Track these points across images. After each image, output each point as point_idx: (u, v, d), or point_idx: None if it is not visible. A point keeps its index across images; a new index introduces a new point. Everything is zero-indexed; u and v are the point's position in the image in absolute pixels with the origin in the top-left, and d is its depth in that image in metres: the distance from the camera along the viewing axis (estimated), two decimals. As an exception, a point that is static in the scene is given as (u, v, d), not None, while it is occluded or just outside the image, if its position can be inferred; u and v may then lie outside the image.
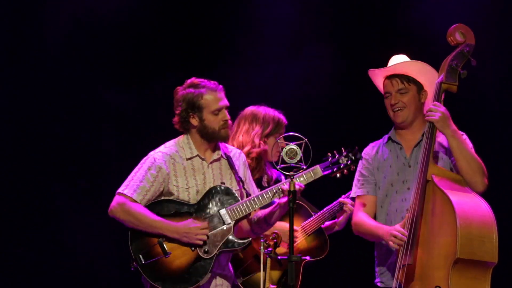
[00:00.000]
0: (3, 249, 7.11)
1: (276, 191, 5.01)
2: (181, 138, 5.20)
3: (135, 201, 5.01)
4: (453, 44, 4.97)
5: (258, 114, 5.70)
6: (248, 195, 5.13)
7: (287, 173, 4.65)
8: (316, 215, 5.65)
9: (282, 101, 6.98)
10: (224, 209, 5.03)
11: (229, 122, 5.14)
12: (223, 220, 5.02)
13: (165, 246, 4.98)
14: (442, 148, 5.04)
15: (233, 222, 5.02)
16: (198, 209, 5.04)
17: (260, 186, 5.62)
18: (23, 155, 7.18)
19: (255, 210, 5.10)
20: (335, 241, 5.79)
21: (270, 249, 4.78)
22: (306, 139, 4.83)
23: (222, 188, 5.09)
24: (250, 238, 5.06)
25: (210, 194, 5.07)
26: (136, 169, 5.12)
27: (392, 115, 5.10)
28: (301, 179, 5.06)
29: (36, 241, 7.15)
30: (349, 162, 5.19)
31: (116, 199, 5.05)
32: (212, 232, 4.99)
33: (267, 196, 5.04)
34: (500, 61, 6.98)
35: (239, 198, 5.08)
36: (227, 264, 5.16)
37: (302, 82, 7.45)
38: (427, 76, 5.05)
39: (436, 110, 4.87)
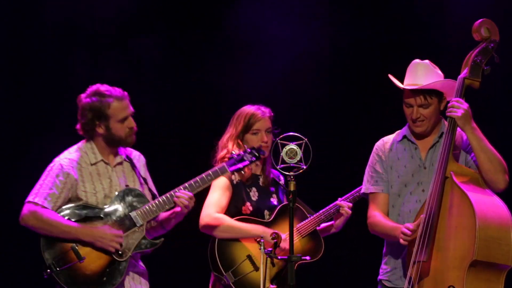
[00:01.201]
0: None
1: (186, 190, 5.14)
2: (83, 144, 5.25)
3: (46, 208, 5.04)
4: (478, 39, 4.91)
5: (235, 114, 5.68)
6: (153, 194, 5.23)
7: (287, 173, 4.64)
8: (312, 217, 5.61)
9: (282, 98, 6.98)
10: (134, 211, 5.11)
11: (135, 129, 5.19)
12: (134, 222, 5.09)
13: (79, 251, 5.02)
14: (456, 146, 5.00)
15: (145, 223, 5.10)
16: (108, 213, 5.10)
17: (258, 186, 5.62)
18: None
19: (164, 211, 5.18)
20: (334, 242, 5.78)
21: (270, 249, 4.76)
22: (306, 139, 4.82)
23: (131, 190, 5.17)
24: (163, 239, 5.17)
25: (119, 197, 5.14)
26: (43, 176, 5.14)
27: (412, 125, 5.06)
28: (209, 177, 5.19)
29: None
30: (253, 159, 5.28)
31: (27, 207, 5.07)
32: (125, 234, 5.07)
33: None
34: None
35: (148, 200, 5.17)
36: (138, 261, 5.26)
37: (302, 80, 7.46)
38: (449, 87, 5.00)
39: (459, 107, 4.81)
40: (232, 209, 5.54)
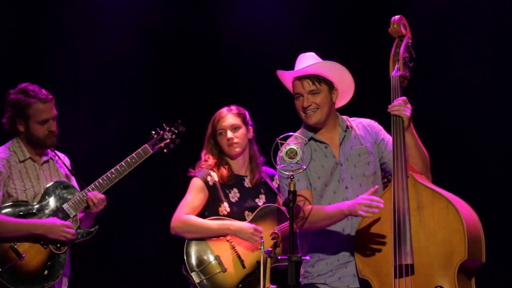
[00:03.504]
0: None
1: (113, 175, 5.33)
2: (12, 142, 5.42)
3: None
4: (396, 35, 4.91)
5: None
6: (81, 185, 5.39)
7: (287, 173, 4.63)
8: None
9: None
10: (66, 203, 5.28)
11: (55, 132, 5.35)
12: (67, 214, 5.27)
13: (18, 249, 5.16)
14: (366, 139, 5.01)
15: (77, 213, 5.29)
16: (41, 208, 5.26)
17: (242, 187, 5.64)
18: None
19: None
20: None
21: (270, 249, 4.75)
22: (306, 139, 4.82)
23: (60, 183, 5.34)
24: (97, 226, 5.32)
25: (49, 191, 5.31)
26: None
27: (304, 117, 4.98)
28: (133, 160, 5.35)
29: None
30: (173, 136, 5.50)
31: None
32: None
33: (105, 182, 5.33)
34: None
35: (77, 190, 5.34)
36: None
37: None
38: (336, 74, 4.97)
39: (406, 106, 4.78)
40: (209, 210, 5.58)
